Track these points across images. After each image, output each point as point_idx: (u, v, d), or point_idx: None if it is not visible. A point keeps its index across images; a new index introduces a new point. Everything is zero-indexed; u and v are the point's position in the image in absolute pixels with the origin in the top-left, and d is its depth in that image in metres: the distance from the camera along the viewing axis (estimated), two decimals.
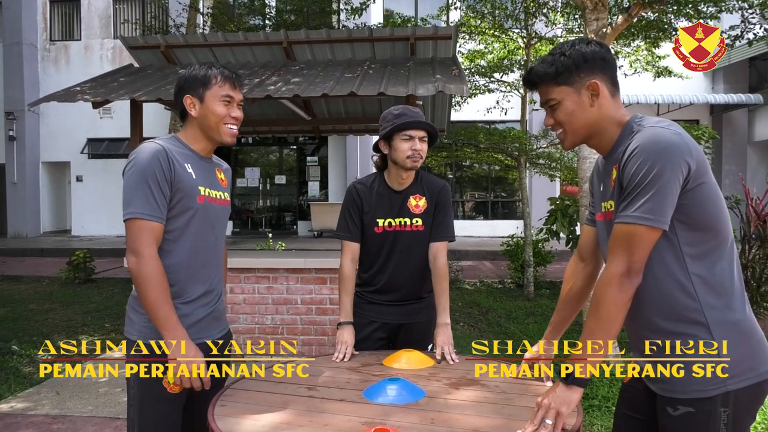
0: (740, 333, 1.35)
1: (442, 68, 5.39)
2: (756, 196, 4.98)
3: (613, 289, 1.33)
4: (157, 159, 1.65)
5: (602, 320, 1.35)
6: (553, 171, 7.73)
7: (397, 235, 2.25)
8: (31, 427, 3.25)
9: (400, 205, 2.25)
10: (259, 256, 4.74)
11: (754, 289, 4.84)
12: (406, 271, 2.26)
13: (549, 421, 1.37)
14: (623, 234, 1.33)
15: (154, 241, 1.64)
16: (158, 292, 1.60)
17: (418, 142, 2.15)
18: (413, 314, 2.30)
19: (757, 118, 14.01)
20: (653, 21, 5.97)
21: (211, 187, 1.80)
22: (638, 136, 1.35)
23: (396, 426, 1.40)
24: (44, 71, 15.37)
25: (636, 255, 1.32)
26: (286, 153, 16.17)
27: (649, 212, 1.29)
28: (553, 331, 1.80)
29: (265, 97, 4.71)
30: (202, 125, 1.77)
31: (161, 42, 6.20)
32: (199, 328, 1.75)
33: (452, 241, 2.30)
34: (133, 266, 1.61)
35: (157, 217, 1.64)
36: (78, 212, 15.36)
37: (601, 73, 1.43)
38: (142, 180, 1.63)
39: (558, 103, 1.45)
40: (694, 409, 1.34)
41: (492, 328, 5.67)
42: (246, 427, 1.45)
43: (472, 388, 1.75)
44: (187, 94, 1.76)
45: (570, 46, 1.45)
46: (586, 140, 1.50)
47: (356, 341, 2.20)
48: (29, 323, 5.83)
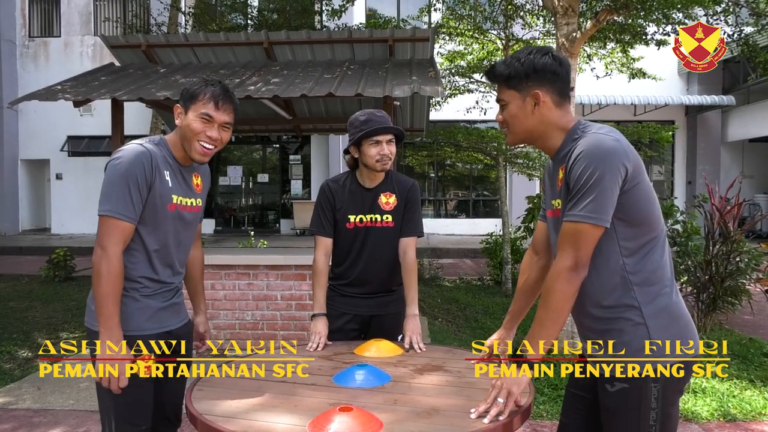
0: (669, 316, 1.50)
1: (419, 70, 5.51)
2: (718, 195, 5.19)
3: (562, 282, 1.46)
4: (141, 162, 1.73)
5: (551, 310, 1.48)
6: (531, 170, 7.90)
7: (367, 231, 2.36)
8: (13, 420, 3.31)
9: (371, 202, 2.37)
10: (239, 253, 4.82)
11: (718, 284, 5.04)
12: (377, 264, 2.38)
13: (501, 399, 1.49)
14: (570, 231, 1.46)
15: (122, 240, 1.72)
16: (110, 289, 1.68)
17: (386, 146, 2.26)
18: (384, 306, 2.43)
19: (730, 119, 14.39)
20: (625, 25, 6.16)
21: (185, 195, 1.88)
22: (582, 142, 1.48)
23: (361, 406, 1.51)
24: (23, 68, 15.19)
25: (582, 250, 1.45)
26: (268, 151, 16.20)
27: (593, 211, 1.42)
28: (510, 320, 1.94)
29: (246, 97, 4.79)
30: (181, 135, 1.83)
31: (142, 41, 6.23)
32: (159, 318, 1.85)
33: (421, 236, 2.43)
34: (97, 259, 1.70)
35: (131, 218, 1.73)
36: (58, 210, 15.22)
37: (548, 85, 1.54)
38: (123, 180, 1.70)
39: (506, 104, 1.59)
40: (628, 385, 1.48)
41: (469, 324, 5.81)
42: (221, 408, 1.55)
43: (436, 373, 1.87)
44: (179, 103, 1.84)
45: (527, 54, 1.56)
46: (527, 141, 1.64)
47: (330, 332, 2.32)
48: (9, 321, 5.83)
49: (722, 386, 3.80)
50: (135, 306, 1.79)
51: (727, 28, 5.79)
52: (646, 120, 13.51)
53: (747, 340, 4.91)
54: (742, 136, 14.18)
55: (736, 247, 5.06)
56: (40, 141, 15.03)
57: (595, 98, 12.95)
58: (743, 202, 5.35)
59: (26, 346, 4.94)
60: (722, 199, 5.13)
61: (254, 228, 13.98)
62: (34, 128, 15.10)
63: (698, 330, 5.09)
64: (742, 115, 13.95)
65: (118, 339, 1.69)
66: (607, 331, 1.53)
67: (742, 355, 4.50)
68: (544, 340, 1.49)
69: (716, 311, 5.16)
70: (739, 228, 5.23)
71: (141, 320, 1.79)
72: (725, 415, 3.37)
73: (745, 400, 3.58)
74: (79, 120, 14.74)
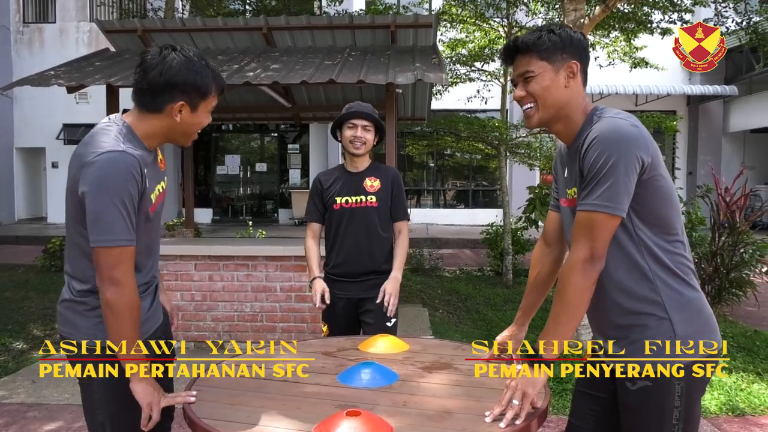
0: (692, 310, 1.43)
1: (422, 56, 5.39)
2: (725, 186, 5.11)
3: (577, 274, 1.38)
4: (132, 175, 1.48)
5: (567, 304, 1.40)
6: (532, 160, 7.81)
7: (353, 211, 2.58)
8: (6, 415, 3.23)
9: (358, 185, 2.59)
10: (238, 244, 4.73)
11: (723, 276, 4.98)
12: (364, 243, 2.57)
13: (516, 401, 1.41)
14: (585, 221, 1.38)
15: (132, 267, 1.52)
16: (133, 327, 1.51)
17: (360, 130, 2.51)
18: (374, 288, 2.53)
19: (732, 110, 14.30)
20: (630, 13, 6.04)
21: (157, 183, 1.65)
22: (597, 126, 1.39)
23: (369, 408, 1.43)
24: (18, 54, 14.98)
25: (598, 241, 1.37)
26: (267, 140, 16.06)
27: (608, 200, 1.34)
28: (522, 316, 1.85)
29: (244, 83, 4.67)
30: (174, 129, 1.59)
31: (138, 26, 6.09)
32: (148, 316, 1.69)
33: (408, 220, 2.71)
34: (112, 297, 1.47)
35: (133, 240, 1.51)
36: (54, 199, 15.08)
37: (580, 60, 1.48)
38: (116, 198, 1.45)
39: (535, 76, 1.47)
40: (650, 383, 1.41)
41: (470, 315, 5.75)
42: (221, 412, 1.47)
43: (445, 371, 1.79)
44: (183, 100, 1.54)
45: (558, 27, 1.49)
46: (554, 121, 1.51)
47: (328, 319, 2.61)
48: (4, 312, 5.75)
49: (729, 380, 3.74)
50: None
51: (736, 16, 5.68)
52: (647, 110, 13.40)
53: (752, 332, 4.86)
54: (743, 127, 14.09)
55: (741, 238, 5.00)
56: (36, 129, 14.86)
57: (596, 88, 12.83)
58: (749, 193, 5.28)
59: (21, 337, 4.86)
60: (728, 189, 5.05)
61: (252, 217, 13.86)
62: (29, 116, 14.92)
63: None
64: (744, 106, 13.85)
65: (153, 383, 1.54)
66: (629, 327, 1.46)
67: (747, 348, 4.45)
68: (560, 337, 1.41)
69: (721, 303, 5.11)
70: (745, 219, 5.17)
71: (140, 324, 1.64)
72: (733, 409, 3.32)
73: (753, 394, 3.52)
74: (75, 108, 14.57)
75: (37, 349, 4.53)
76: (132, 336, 1.51)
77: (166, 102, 1.53)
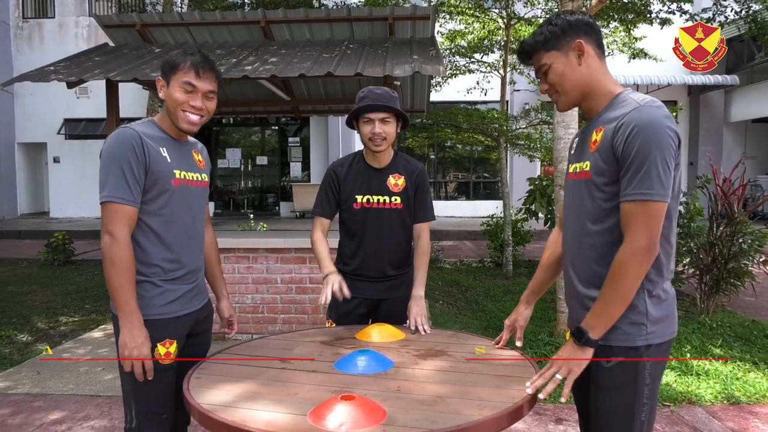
0: (666, 298, 1.50)
1: (420, 48, 5.40)
2: (723, 176, 5.12)
3: (635, 263, 1.40)
4: (131, 144, 1.70)
5: (620, 290, 1.42)
6: (532, 152, 7.82)
7: (375, 213, 2.33)
8: (12, 405, 3.29)
9: (380, 183, 2.33)
10: (239, 236, 4.76)
11: (721, 266, 5.00)
12: (385, 247, 2.35)
13: (560, 376, 1.47)
14: (641, 210, 1.39)
15: (127, 224, 1.69)
16: (123, 276, 1.66)
17: (378, 125, 2.20)
18: (393, 290, 2.39)
19: (734, 99, 14.26)
20: (629, 3, 6.03)
21: (188, 170, 1.85)
22: (636, 115, 1.40)
23: (363, 394, 1.46)
24: (17, 49, 15.00)
25: (655, 229, 1.39)
26: (267, 134, 16.07)
27: (660, 188, 1.38)
28: (530, 294, 1.91)
29: (243, 77, 4.69)
30: (167, 109, 1.82)
31: (137, 21, 6.10)
32: (183, 301, 1.84)
33: (433, 220, 2.42)
34: (106, 246, 1.68)
35: (131, 201, 1.70)
36: (56, 194, 15.15)
37: (586, 36, 1.53)
38: (115, 164, 1.68)
39: (549, 66, 1.56)
40: (624, 360, 1.47)
41: (470, 306, 5.79)
42: (219, 397, 1.51)
43: (439, 358, 1.82)
44: (160, 76, 1.81)
45: (556, 17, 1.57)
46: (580, 100, 1.58)
47: (338, 317, 2.33)
48: (8, 305, 5.81)
49: (726, 369, 3.78)
50: (155, 291, 1.76)
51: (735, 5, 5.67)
52: None
53: (750, 322, 4.89)
54: (745, 117, 14.05)
55: (740, 228, 5.01)
56: (37, 124, 14.90)
57: None
58: (747, 183, 5.29)
59: (25, 330, 4.91)
60: (727, 179, 5.06)
61: (253, 211, 13.94)
62: (30, 111, 14.96)
63: (701, 312, 5.11)
64: (746, 95, 13.81)
65: (138, 324, 1.68)
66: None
67: (744, 337, 4.48)
68: (608, 320, 1.45)
69: (719, 293, 5.13)
70: (743, 209, 5.18)
71: (161, 304, 1.77)
72: (729, 397, 3.35)
73: (748, 382, 3.56)
74: (75, 102, 14.60)
75: (41, 341, 4.59)
76: (125, 287, 1.67)
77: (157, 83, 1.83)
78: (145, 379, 1.70)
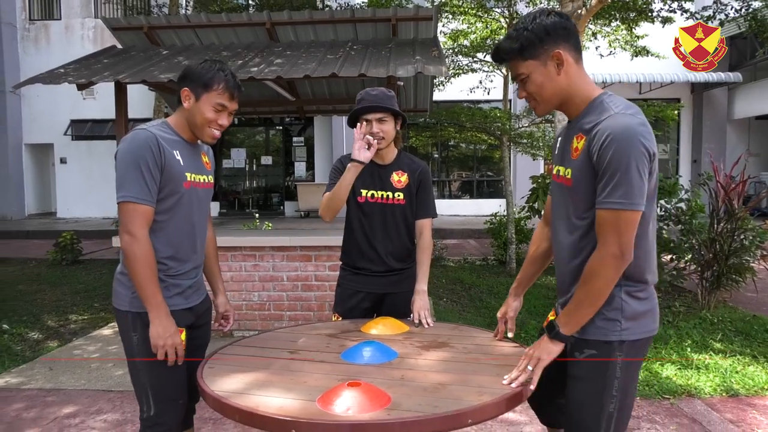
0: (645, 296, 1.55)
1: (423, 49, 5.47)
2: (723, 173, 5.16)
3: (608, 269, 1.45)
4: (149, 146, 1.77)
5: (591, 293, 1.48)
6: (535, 150, 7.87)
7: (379, 208, 2.41)
8: (26, 399, 3.38)
9: (384, 179, 2.42)
10: (245, 235, 4.84)
11: (722, 262, 5.04)
12: (388, 242, 2.42)
13: (530, 367, 1.55)
14: (611, 219, 1.43)
15: (146, 223, 1.77)
16: (147, 271, 1.75)
17: (375, 125, 2.30)
18: (397, 284, 2.45)
19: (737, 97, 14.24)
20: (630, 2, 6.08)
21: (197, 172, 1.94)
22: (610, 123, 1.42)
23: (369, 382, 1.54)
24: (24, 51, 15.14)
25: (625, 236, 1.43)
26: (272, 134, 16.15)
27: (631, 197, 1.40)
28: (518, 287, 1.99)
29: (249, 78, 4.77)
30: (189, 119, 1.88)
31: (144, 23, 6.19)
32: (185, 295, 1.94)
33: (435, 217, 2.49)
34: (126, 245, 1.75)
35: (148, 201, 1.77)
36: (63, 194, 15.29)
37: (564, 43, 1.50)
38: (133, 165, 1.75)
39: (527, 76, 1.54)
40: (596, 352, 1.53)
41: (474, 303, 5.85)
42: (231, 385, 1.59)
43: (442, 349, 1.90)
44: (187, 87, 1.86)
45: (531, 20, 1.51)
46: (559, 107, 1.59)
47: (343, 311, 2.42)
48: (18, 303, 5.91)
49: (725, 362, 3.83)
50: (161, 286, 1.83)
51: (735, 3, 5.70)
52: (651, 98, 13.39)
53: (750, 317, 4.94)
54: (748, 114, 14.04)
55: (740, 224, 5.05)
56: (44, 125, 15.04)
57: (600, 76, 12.83)
58: (747, 180, 5.33)
59: (36, 328, 5.01)
60: (727, 176, 5.10)
61: (258, 210, 14.00)
62: (37, 112, 15.10)
63: (702, 308, 5.15)
64: (749, 92, 13.79)
65: (167, 314, 1.77)
66: None
67: (745, 332, 4.53)
68: (579, 319, 1.51)
69: (720, 289, 5.18)
70: (744, 205, 5.22)
71: (167, 297, 1.84)
72: (728, 390, 3.41)
73: (748, 375, 3.61)
74: (82, 104, 14.73)
75: (51, 338, 4.68)
76: (150, 282, 1.75)
77: (180, 89, 1.87)
78: (165, 367, 1.79)
